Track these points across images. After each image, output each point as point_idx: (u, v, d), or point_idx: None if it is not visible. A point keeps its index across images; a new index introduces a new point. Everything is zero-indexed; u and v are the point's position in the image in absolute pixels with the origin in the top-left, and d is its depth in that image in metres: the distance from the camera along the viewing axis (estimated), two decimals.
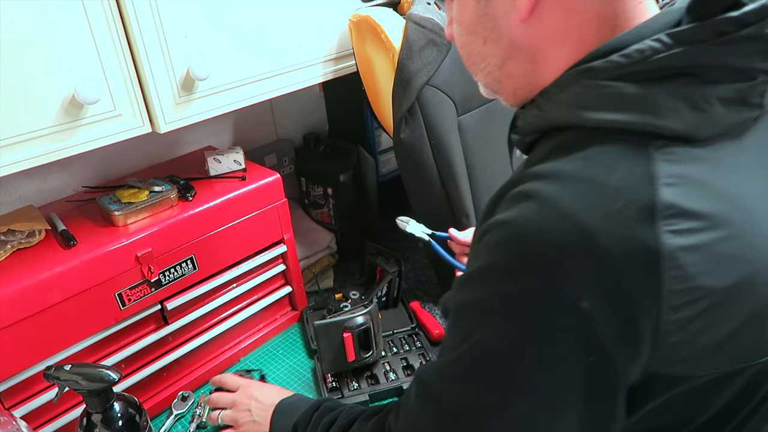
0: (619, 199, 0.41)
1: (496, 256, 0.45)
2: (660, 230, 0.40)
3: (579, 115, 0.46)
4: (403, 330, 1.06)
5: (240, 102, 0.87)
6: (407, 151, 0.99)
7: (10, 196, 0.96)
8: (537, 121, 0.51)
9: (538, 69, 0.51)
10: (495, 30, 0.52)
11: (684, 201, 0.41)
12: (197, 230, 0.90)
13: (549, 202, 0.42)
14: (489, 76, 0.56)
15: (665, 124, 0.42)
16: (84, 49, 0.69)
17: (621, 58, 0.44)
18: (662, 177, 0.41)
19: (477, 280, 0.47)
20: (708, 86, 0.42)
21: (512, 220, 0.44)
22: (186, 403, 0.94)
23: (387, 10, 0.98)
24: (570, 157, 0.44)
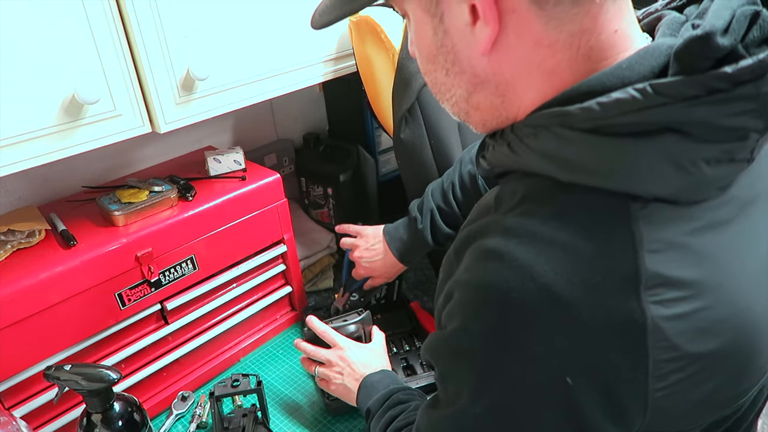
0: (599, 269, 0.38)
1: (469, 321, 0.43)
2: (645, 302, 0.38)
3: (552, 169, 0.42)
4: (403, 330, 1.06)
5: (240, 102, 0.87)
6: (407, 151, 0.99)
7: (10, 196, 0.96)
8: (507, 161, 0.48)
9: (507, 102, 0.47)
10: (456, 63, 0.47)
11: (668, 269, 0.39)
12: (197, 230, 0.90)
13: (522, 269, 0.39)
14: (456, 106, 0.51)
15: (646, 187, 0.39)
16: (84, 49, 0.69)
17: (597, 107, 0.39)
18: (645, 243, 0.39)
19: (452, 348, 0.46)
20: (694, 145, 0.38)
21: (484, 284, 0.42)
22: (186, 403, 0.94)
23: (387, 10, 0.98)
24: (543, 213, 0.42)
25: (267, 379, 1.01)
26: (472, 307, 0.43)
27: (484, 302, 0.42)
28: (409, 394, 0.75)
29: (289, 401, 0.96)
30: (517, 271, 0.40)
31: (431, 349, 0.50)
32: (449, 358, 0.47)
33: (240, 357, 1.05)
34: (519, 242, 0.41)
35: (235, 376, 0.87)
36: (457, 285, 0.45)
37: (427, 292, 1.19)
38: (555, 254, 0.39)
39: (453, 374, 0.47)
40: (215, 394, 0.85)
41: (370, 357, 0.85)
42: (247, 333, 1.06)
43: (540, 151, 0.43)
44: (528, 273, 0.39)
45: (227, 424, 0.88)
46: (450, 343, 0.46)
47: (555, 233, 0.40)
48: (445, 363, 0.48)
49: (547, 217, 0.41)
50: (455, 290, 0.45)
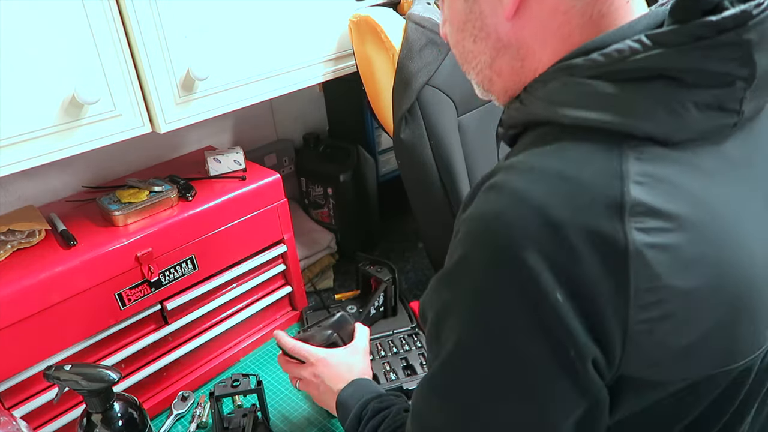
0: (588, 194, 0.41)
1: (467, 250, 0.45)
2: (628, 227, 0.40)
3: (556, 112, 0.46)
4: (403, 330, 1.06)
5: (240, 102, 0.87)
6: (407, 151, 0.99)
7: (10, 196, 0.96)
8: (518, 114, 0.52)
9: (526, 67, 0.52)
10: (483, 28, 0.52)
11: (653, 200, 0.41)
12: (197, 230, 0.90)
13: (518, 194, 0.42)
14: (480, 74, 0.56)
15: (639, 126, 0.42)
16: (84, 49, 0.69)
17: (600, 57, 0.44)
18: (632, 175, 0.41)
19: (452, 277, 0.47)
20: (684, 90, 0.42)
21: (483, 213, 0.44)
22: (186, 403, 0.95)
23: (387, 10, 0.98)
24: (543, 151, 0.45)
25: (267, 379, 1.01)
26: (471, 236, 0.45)
27: (481, 228, 0.44)
28: (385, 401, 0.71)
29: (289, 401, 0.96)
30: (512, 196, 0.43)
31: (427, 293, 0.51)
32: (444, 293, 0.48)
33: (240, 357, 1.05)
34: (518, 174, 0.44)
35: (235, 376, 0.87)
36: (461, 223, 0.46)
37: None
38: (549, 181, 0.42)
39: (446, 310, 0.47)
40: (215, 394, 0.85)
41: (342, 368, 0.80)
42: (247, 333, 1.06)
43: (546, 98, 0.48)
44: (522, 197, 0.42)
45: (227, 424, 0.88)
46: (446, 277, 0.47)
47: (551, 165, 0.43)
48: (439, 300, 0.48)
49: (546, 153, 0.45)
50: (460, 229, 0.47)
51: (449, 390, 0.48)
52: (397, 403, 0.70)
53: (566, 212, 0.40)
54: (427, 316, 0.51)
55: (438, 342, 0.48)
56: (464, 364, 0.46)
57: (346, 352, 0.83)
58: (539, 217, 0.41)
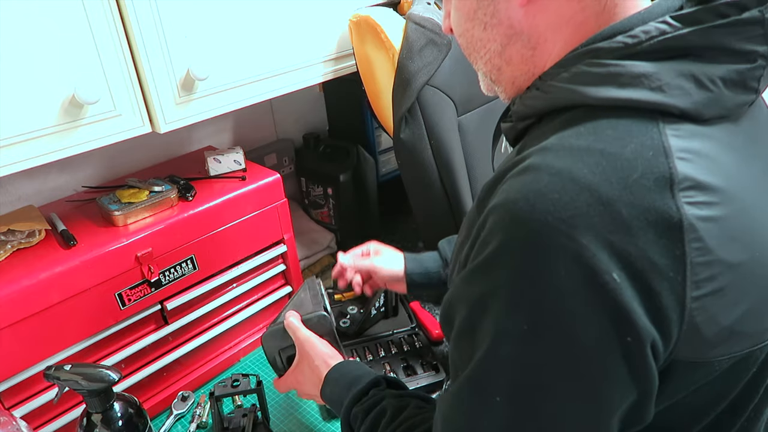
0: (634, 169, 0.40)
1: (507, 236, 0.42)
2: (679, 201, 0.40)
3: (584, 93, 0.45)
4: (403, 330, 1.06)
5: (240, 102, 0.87)
6: (407, 151, 0.99)
7: (10, 196, 0.96)
8: (536, 102, 0.50)
9: (537, 55, 0.51)
10: (495, 15, 0.52)
11: (698, 174, 0.41)
12: (197, 230, 0.90)
13: (562, 173, 0.41)
14: (489, 63, 0.55)
15: (673, 102, 0.42)
16: (84, 49, 0.69)
17: (627, 39, 0.44)
18: (675, 151, 0.41)
19: (489, 269, 0.44)
20: (712, 65, 0.43)
21: (522, 195, 0.42)
22: (186, 403, 0.95)
23: (387, 10, 0.98)
24: (577, 131, 0.44)
25: (267, 379, 1.01)
26: (511, 220, 0.42)
27: (524, 210, 0.41)
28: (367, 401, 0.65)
29: (289, 401, 0.96)
30: (556, 175, 0.41)
31: (456, 289, 0.48)
32: (485, 282, 0.44)
33: (240, 357, 1.05)
34: (556, 155, 0.43)
35: (235, 376, 0.87)
36: (490, 212, 0.44)
37: None
38: (593, 159, 0.41)
39: (489, 300, 0.44)
40: (215, 394, 0.85)
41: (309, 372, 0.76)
42: (247, 333, 1.06)
43: (570, 82, 0.47)
44: (567, 176, 0.41)
45: (227, 424, 0.88)
46: (486, 266, 0.44)
47: (591, 143, 0.42)
48: (478, 291, 0.45)
49: (581, 133, 0.43)
50: (488, 219, 0.44)
51: (497, 387, 0.44)
52: (383, 397, 0.65)
53: (616, 189, 0.40)
54: (455, 314, 0.48)
55: (474, 338, 0.45)
56: (514, 355, 0.43)
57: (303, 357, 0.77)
58: (589, 195, 0.40)
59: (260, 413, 0.90)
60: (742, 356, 0.45)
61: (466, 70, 1.00)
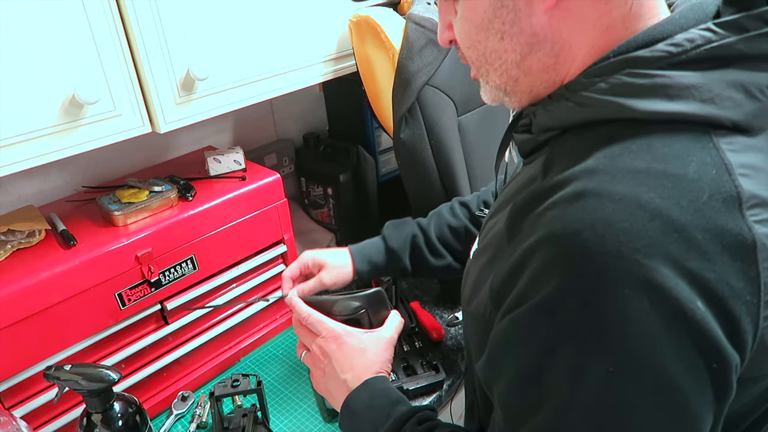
0: (702, 191, 0.38)
1: (575, 272, 0.39)
2: (749, 221, 0.38)
3: (629, 106, 0.42)
4: (403, 330, 1.05)
5: (240, 102, 0.87)
6: (407, 151, 0.99)
7: (10, 196, 0.96)
8: (568, 115, 0.47)
9: (560, 63, 0.49)
10: (515, 23, 0.48)
11: (761, 190, 0.40)
12: (197, 230, 0.90)
13: (628, 199, 0.38)
14: (504, 74, 0.52)
15: (725, 114, 0.41)
16: (84, 49, 0.69)
17: (671, 47, 0.42)
18: (736, 167, 0.40)
19: (554, 310, 0.40)
20: (759, 74, 0.41)
21: (587, 225, 0.38)
22: (186, 403, 0.95)
23: (387, 10, 0.98)
24: (628, 149, 0.41)
25: (267, 379, 1.01)
26: (576, 254, 0.39)
27: (590, 243, 0.38)
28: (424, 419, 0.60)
29: (289, 401, 0.96)
30: (621, 203, 0.38)
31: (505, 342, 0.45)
32: (550, 327, 0.41)
33: (240, 357, 1.05)
34: (613, 178, 0.40)
35: (235, 376, 0.87)
36: (540, 245, 0.41)
37: (427, 291, 1.19)
38: (657, 182, 0.39)
39: (559, 345, 0.41)
40: (215, 394, 0.85)
41: (356, 354, 0.68)
42: (247, 333, 1.06)
43: (614, 93, 0.44)
44: (634, 201, 0.38)
45: (227, 424, 0.88)
46: (548, 307, 0.41)
47: (650, 164, 0.40)
48: (542, 337, 0.42)
49: (635, 152, 0.41)
50: (536, 252, 0.41)
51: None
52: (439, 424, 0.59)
53: (688, 213, 0.38)
54: (508, 358, 0.45)
55: (542, 385, 0.42)
56: (599, 399, 0.40)
57: (367, 337, 0.70)
58: (662, 221, 0.38)
59: (260, 413, 0.90)
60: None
61: (466, 70, 0.99)
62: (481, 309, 0.52)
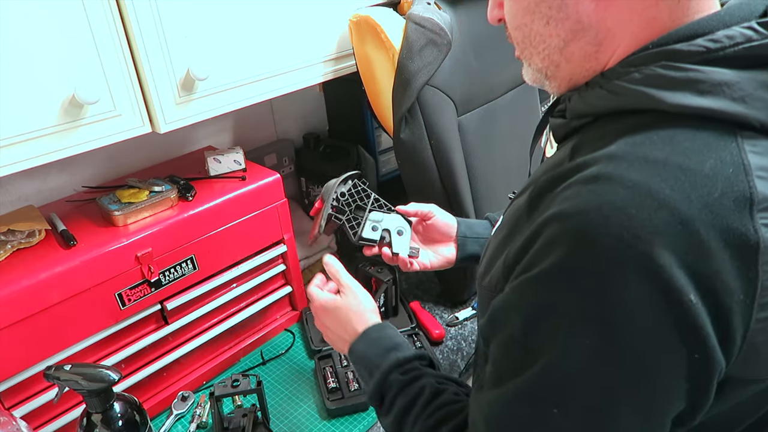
0: (714, 187, 0.39)
1: (577, 249, 0.40)
2: (757, 223, 0.39)
3: (659, 98, 0.43)
4: (403, 330, 1.06)
5: (240, 102, 0.87)
6: (407, 151, 0.99)
7: (10, 196, 0.96)
8: (602, 102, 0.48)
9: (602, 52, 0.49)
10: (562, 8, 0.48)
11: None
12: (197, 230, 0.90)
13: (639, 187, 0.39)
14: (547, 59, 0.52)
15: (755, 115, 0.41)
16: (84, 49, 0.69)
17: (709, 43, 0.42)
18: (754, 169, 0.40)
19: (553, 278, 0.42)
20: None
21: (595, 207, 0.40)
22: (186, 403, 0.95)
23: (387, 10, 0.98)
24: (650, 139, 0.42)
25: (267, 379, 1.01)
26: (581, 232, 0.40)
27: (598, 222, 0.39)
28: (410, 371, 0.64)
29: (289, 401, 0.96)
30: (632, 189, 0.39)
31: (512, 296, 0.46)
32: (550, 293, 0.43)
33: (240, 357, 1.05)
34: (630, 165, 0.41)
35: (235, 376, 0.87)
36: (551, 219, 0.42)
37: (428, 291, 1.19)
38: (671, 173, 0.40)
39: (554, 311, 0.42)
40: (215, 394, 0.85)
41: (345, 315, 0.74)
42: (247, 333, 1.06)
43: (646, 84, 0.44)
44: (645, 190, 0.39)
45: (227, 424, 0.88)
46: (551, 276, 0.42)
47: (668, 156, 0.40)
48: (541, 301, 0.43)
49: (656, 142, 0.41)
50: (546, 227, 0.43)
51: (556, 399, 0.43)
52: (423, 374, 0.63)
53: (696, 208, 0.38)
54: (505, 319, 0.47)
55: (528, 348, 0.44)
56: (579, 369, 0.42)
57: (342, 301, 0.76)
58: (668, 212, 0.38)
59: (260, 413, 0.90)
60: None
61: (466, 70, 1.00)
62: (494, 282, 0.52)
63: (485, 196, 1.09)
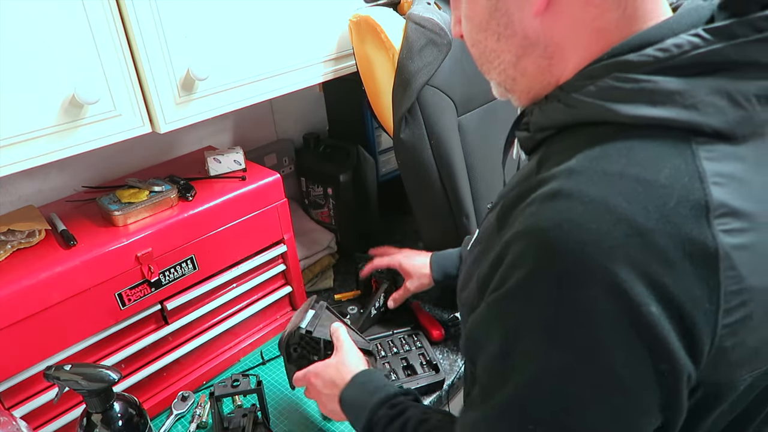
0: (671, 197, 0.39)
1: (536, 265, 0.42)
2: (715, 229, 0.39)
3: (614, 110, 0.43)
4: (403, 330, 1.06)
5: (240, 102, 0.87)
6: (407, 151, 0.99)
7: (10, 196, 0.96)
8: (559, 116, 0.49)
9: (554, 65, 0.49)
10: (509, 26, 0.49)
11: (732, 200, 0.40)
12: (197, 230, 0.90)
13: (597, 202, 0.40)
14: (503, 74, 0.53)
15: (707, 121, 0.41)
16: (84, 49, 0.69)
17: (658, 52, 0.42)
18: (710, 175, 0.40)
19: (521, 299, 0.43)
20: (746, 82, 0.41)
21: (555, 224, 0.41)
22: (186, 403, 0.95)
23: (387, 10, 0.98)
24: (607, 153, 0.42)
25: (267, 379, 1.01)
26: (543, 249, 0.41)
27: (558, 240, 0.40)
28: (395, 405, 0.67)
29: (289, 401, 0.96)
30: (590, 205, 0.40)
31: (484, 316, 0.47)
32: (518, 312, 0.44)
33: (240, 357, 1.05)
34: (588, 179, 0.41)
35: (235, 376, 0.87)
36: (516, 237, 0.43)
37: (427, 292, 1.18)
38: (628, 186, 0.40)
39: (524, 330, 0.44)
40: (215, 394, 0.85)
41: (335, 371, 0.77)
42: (247, 333, 1.06)
43: (597, 96, 0.45)
44: (603, 205, 0.40)
45: (227, 424, 0.88)
46: (517, 295, 0.43)
47: (624, 168, 0.41)
48: (511, 321, 0.44)
49: (613, 155, 0.42)
50: (512, 245, 0.44)
51: (534, 416, 0.44)
52: (408, 407, 0.66)
53: (653, 219, 0.39)
54: (485, 337, 0.48)
55: (507, 365, 0.45)
56: (551, 385, 0.43)
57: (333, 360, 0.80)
58: (627, 225, 0.39)
59: (260, 413, 0.90)
60: (759, 374, 0.46)
61: (466, 70, 1.00)
62: (471, 298, 0.53)
63: (485, 196, 1.09)
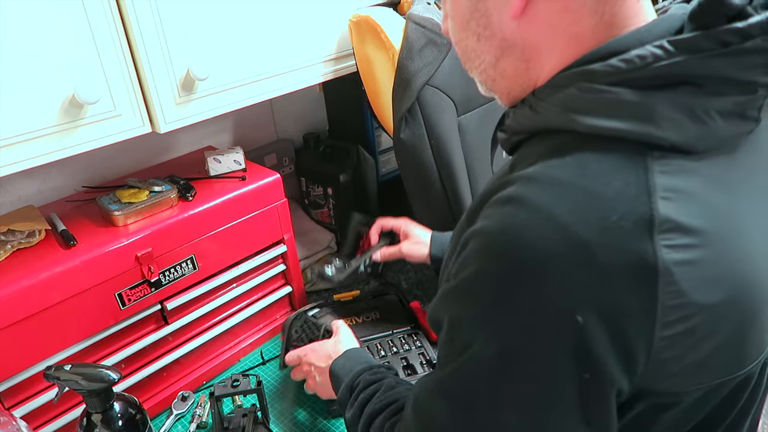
0: (615, 210, 0.39)
1: (484, 265, 0.43)
2: (657, 244, 0.39)
3: (574, 120, 0.44)
4: (403, 330, 1.06)
5: (240, 102, 0.87)
6: (407, 151, 0.99)
7: (10, 196, 0.96)
8: (527, 122, 0.50)
9: (531, 69, 0.50)
10: (488, 27, 0.50)
11: (680, 216, 0.40)
12: (197, 230, 0.90)
13: (542, 211, 0.41)
14: (484, 73, 0.54)
15: (664, 135, 0.41)
16: (84, 49, 0.69)
17: (621, 63, 0.42)
18: (659, 190, 0.40)
19: (465, 292, 0.46)
20: (708, 97, 0.41)
21: (501, 228, 0.42)
22: (186, 403, 0.95)
23: (387, 10, 0.98)
24: (563, 162, 0.43)
25: (267, 379, 1.01)
26: (488, 250, 0.43)
27: (501, 244, 0.42)
28: (377, 373, 0.71)
29: (289, 401, 0.96)
30: (535, 213, 0.41)
31: (439, 301, 0.50)
32: (461, 304, 0.46)
33: (240, 357, 1.05)
34: (539, 187, 0.42)
35: (235, 376, 0.87)
36: (473, 235, 0.45)
37: (427, 291, 1.19)
38: (574, 197, 0.41)
39: (463, 321, 0.46)
40: (215, 394, 0.85)
41: (328, 352, 0.83)
42: (247, 333, 1.06)
43: (561, 105, 0.45)
44: (546, 214, 0.40)
45: (227, 424, 0.88)
46: (462, 288, 0.46)
47: (575, 179, 0.41)
48: (455, 310, 0.47)
49: (567, 165, 0.43)
50: (470, 241, 0.45)
51: (459, 396, 0.47)
52: (387, 375, 0.71)
53: (594, 231, 0.39)
54: (439, 321, 0.50)
55: (451, 347, 0.47)
56: (478, 375, 0.45)
57: (332, 339, 0.87)
58: (566, 235, 0.39)
59: (260, 413, 0.90)
60: (711, 387, 0.46)
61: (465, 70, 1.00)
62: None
63: None
